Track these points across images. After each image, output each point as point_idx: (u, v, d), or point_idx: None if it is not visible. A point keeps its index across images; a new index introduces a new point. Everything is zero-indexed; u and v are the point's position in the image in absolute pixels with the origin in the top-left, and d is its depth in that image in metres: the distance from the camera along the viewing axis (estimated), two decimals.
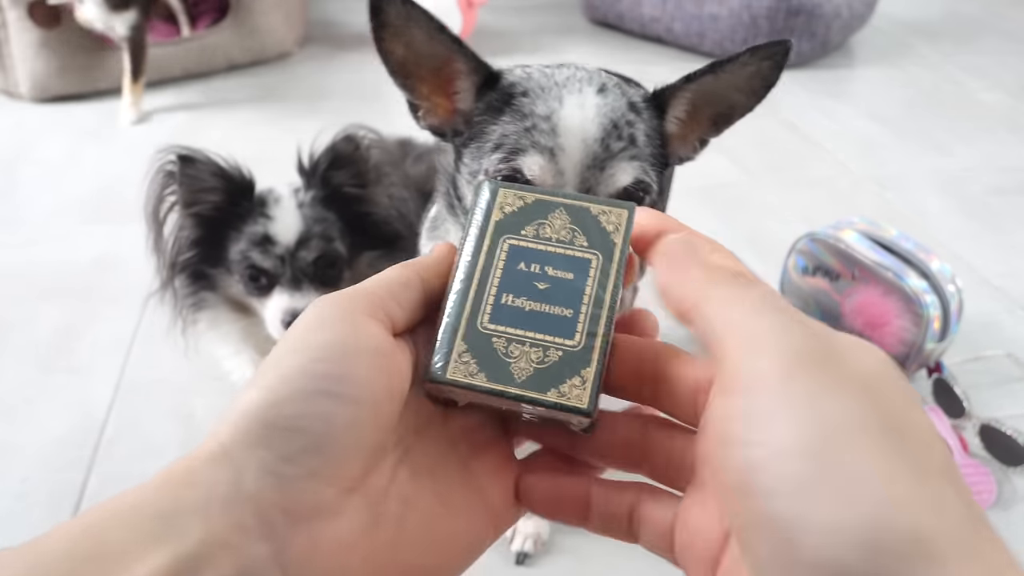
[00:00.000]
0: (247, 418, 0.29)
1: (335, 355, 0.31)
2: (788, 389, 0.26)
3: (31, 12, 2.12)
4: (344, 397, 0.30)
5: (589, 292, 0.34)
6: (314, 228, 0.98)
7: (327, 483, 0.30)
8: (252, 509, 0.28)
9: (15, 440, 1.16)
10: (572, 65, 0.68)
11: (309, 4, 2.91)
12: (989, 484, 1.11)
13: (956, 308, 1.24)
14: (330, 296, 0.33)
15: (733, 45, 2.66)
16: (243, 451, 0.29)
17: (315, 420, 0.29)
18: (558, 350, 0.33)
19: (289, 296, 0.97)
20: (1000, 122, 2.37)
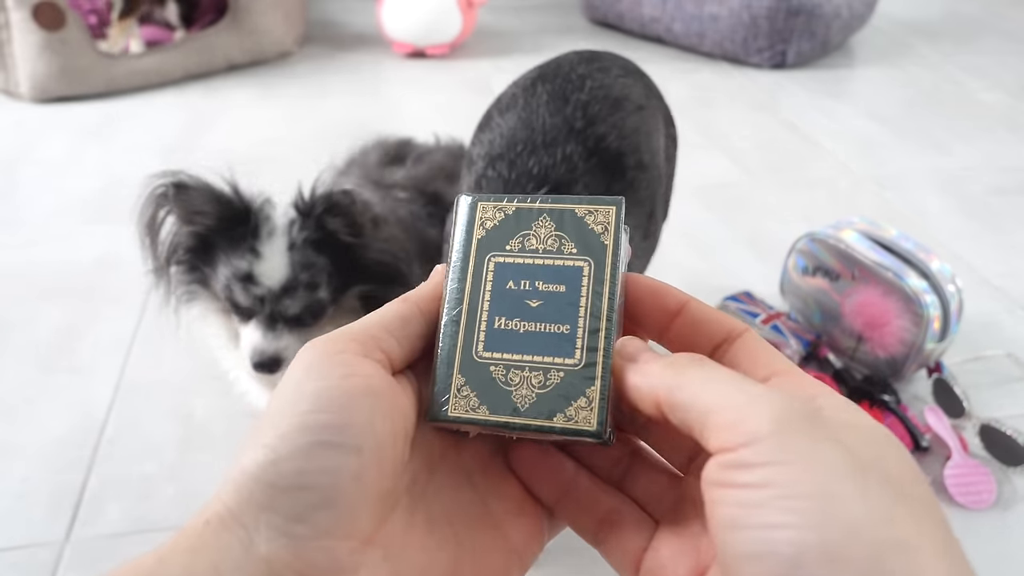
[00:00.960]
0: (250, 480, 0.28)
1: (331, 404, 0.29)
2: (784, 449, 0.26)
3: (36, 13, 2.12)
4: (346, 447, 0.29)
5: (584, 304, 0.32)
6: (301, 276, 0.93)
7: (340, 539, 0.28)
8: (266, 572, 0.27)
9: (15, 440, 1.17)
10: None
11: (309, 4, 2.91)
12: (989, 484, 1.11)
13: (956, 308, 1.24)
14: (319, 340, 0.32)
15: (733, 45, 2.66)
16: (251, 514, 0.28)
17: (319, 475, 0.28)
18: (559, 371, 0.31)
19: (262, 335, 0.94)
20: (1000, 122, 2.37)
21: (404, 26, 2.63)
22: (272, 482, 0.28)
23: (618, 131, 0.80)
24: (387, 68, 2.64)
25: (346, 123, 1.05)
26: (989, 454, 1.16)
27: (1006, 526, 1.07)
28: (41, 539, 1.02)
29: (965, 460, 1.13)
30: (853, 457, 0.25)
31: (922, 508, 0.25)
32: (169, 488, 1.10)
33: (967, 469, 1.12)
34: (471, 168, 0.88)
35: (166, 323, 1.05)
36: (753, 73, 2.65)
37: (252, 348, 0.94)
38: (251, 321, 0.95)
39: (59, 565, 0.99)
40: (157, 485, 1.10)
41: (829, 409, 0.28)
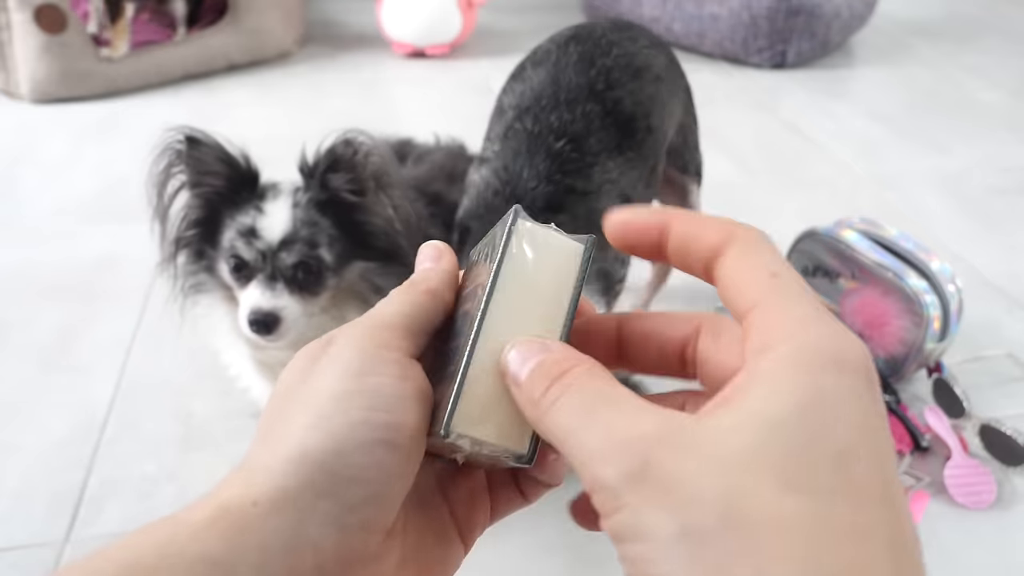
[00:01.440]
0: (312, 466, 0.29)
1: (391, 404, 0.31)
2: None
3: (37, 16, 2.12)
4: (399, 447, 0.30)
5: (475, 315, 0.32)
6: (301, 231, 0.95)
7: (376, 531, 0.30)
8: (311, 559, 0.28)
9: (15, 440, 1.17)
10: None
11: (309, 4, 2.91)
12: (989, 484, 1.11)
13: (956, 308, 1.24)
14: (372, 328, 0.33)
15: (733, 45, 2.66)
16: (309, 499, 0.29)
17: (375, 471, 0.30)
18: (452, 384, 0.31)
19: (260, 293, 0.94)
20: (1000, 122, 2.37)
21: (404, 26, 2.63)
22: (336, 471, 0.29)
23: (634, 97, 0.90)
24: (387, 68, 2.64)
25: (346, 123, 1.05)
26: (989, 454, 1.16)
27: (1006, 526, 1.07)
28: (41, 539, 1.02)
29: (965, 460, 1.13)
30: (682, 525, 0.23)
31: None
32: (169, 488, 1.10)
33: (967, 469, 1.12)
34: (501, 117, 0.94)
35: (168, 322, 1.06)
36: (753, 73, 2.65)
37: (250, 306, 0.93)
38: (251, 283, 0.96)
39: (59, 565, 0.99)
40: (157, 485, 1.10)
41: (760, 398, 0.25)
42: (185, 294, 1.03)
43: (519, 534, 1.04)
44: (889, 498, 0.24)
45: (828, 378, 0.25)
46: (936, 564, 1.02)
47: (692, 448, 0.24)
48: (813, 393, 0.24)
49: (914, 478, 1.13)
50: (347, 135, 0.97)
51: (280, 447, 0.30)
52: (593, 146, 0.86)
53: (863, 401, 0.25)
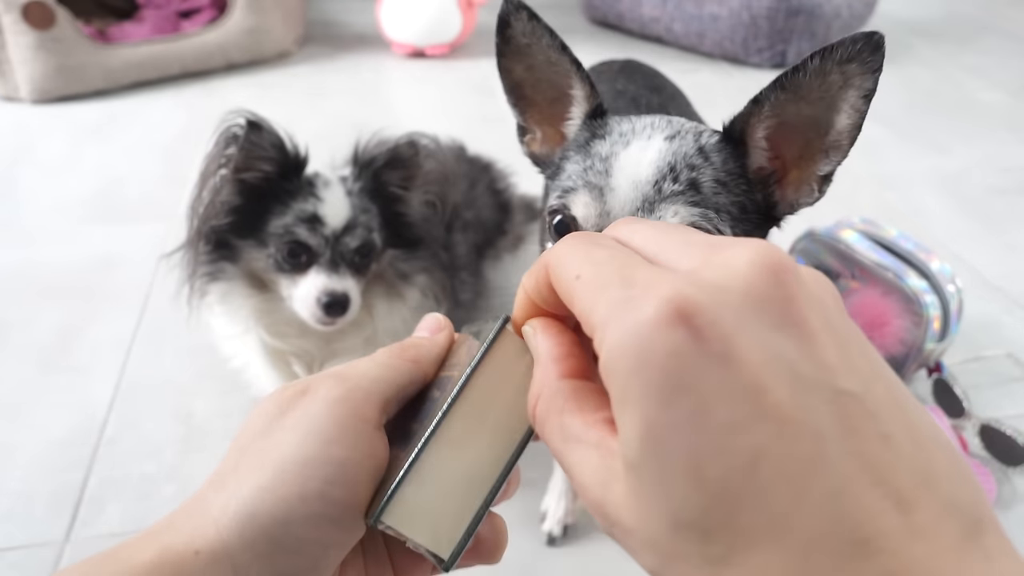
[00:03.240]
0: (256, 529, 0.30)
1: (350, 479, 0.31)
2: None
3: (25, 13, 2.12)
4: (345, 524, 0.32)
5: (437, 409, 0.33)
6: (360, 217, 1.01)
7: None
8: None
9: (15, 440, 1.16)
10: (671, 119, 0.64)
11: (309, 4, 2.91)
12: (989, 484, 1.11)
13: (956, 308, 1.24)
14: (353, 396, 0.33)
15: (733, 45, 2.66)
16: (247, 560, 0.30)
17: (315, 545, 0.31)
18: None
19: (327, 276, 0.99)
20: (1000, 122, 2.37)
21: (404, 26, 2.63)
22: (278, 540, 0.30)
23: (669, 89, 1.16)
24: (387, 68, 2.64)
25: (346, 123, 1.06)
26: (989, 454, 1.16)
27: (1006, 526, 1.06)
28: (41, 539, 1.02)
29: None
30: None
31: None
32: (169, 488, 1.10)
33: None
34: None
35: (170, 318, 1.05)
36: (753, 73, 2.65)
37: (320, 289, 0.98)
38: (311, 268, 1.00)
39: (59, 565, 0.99)
40: (157, 485, 1.10)
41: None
42: (197, 283, 1.04)
43: (521, 535, 1.05)
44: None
45: (639, 392, 0.23)
46: None
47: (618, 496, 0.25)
48: (644, 427, 0.23)
49: None
50: (412, 136, 1.03)
51: (232, 502, 0.31)
52: (653, 104, 1.12)
53: (687, 375, 0.23)
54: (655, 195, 0.57)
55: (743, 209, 0.59)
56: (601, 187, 0.59)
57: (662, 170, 0.58)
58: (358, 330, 1.07)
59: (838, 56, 0.51)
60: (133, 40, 2.38)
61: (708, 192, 0.58)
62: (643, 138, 0.60)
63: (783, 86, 0.55)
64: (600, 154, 0.61)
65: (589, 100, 0.65)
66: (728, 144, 0.60)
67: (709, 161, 0.59)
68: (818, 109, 0.56)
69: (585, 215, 0.59)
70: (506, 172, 1.55)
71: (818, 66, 0.53)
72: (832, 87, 0.53)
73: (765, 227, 0.63)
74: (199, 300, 1.04)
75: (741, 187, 0.59)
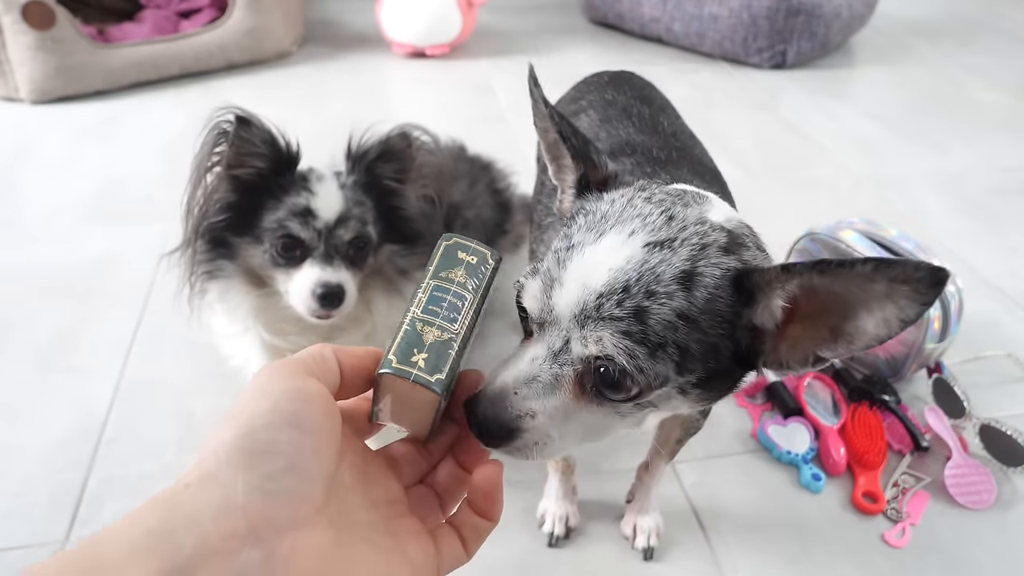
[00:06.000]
0: (228, 448, 0.35)
1: (294, 398, 0.38)
2: None
3: (25, 13, 2.12)
4: (306, 429, 0.37)
5: (464, 313, 0.48)
6: (353, 210, 1.01)
7: (302, 500, 0.36)
8: (243, 519, 0.33)
9: (15, 440, 1.16)
10: (678, 214, 0.55)
11: (309, 4, 2.91)
12: (989, 484, 1.11)
13: (956, 308, 1.24)
14: (278, 362, 0.41)
15: (733, 45, 2.66)
16: (229, 473, 0.34)
17: (287, 446, 0.36)
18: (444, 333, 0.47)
19: (321, 269, 0.99)
20: (1000, 122, 2.37)
21: (404, 26, 2.63)
22: (249, 448, 0.35)
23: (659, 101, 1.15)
24: (387, 68, 2.64)
25: (346, 123, 1.06)
26: (989, 454, 1.16)
27: (1006, 526, 1.07)
28: (41, 539, 1.02)
29: (965, 460, 1.13)
30: None
31: None
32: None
33: (967, 469, 1.12)
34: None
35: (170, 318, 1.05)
36: (753, 73, 2.65)
37: (314, 282, 0.98)
38: (306, 262, 1.00)
39: None
40: (157, 485, 1.09)
41: None
42: (196, 282, 1.04)
43: (521, 535, 1.05)
44: None
45: None
46: (936, 564, 1.02)
47: None
48: None
49: (914, 478, 1.13)
50: (404, 128, 1.03)
51: (207, 445, 0.36)
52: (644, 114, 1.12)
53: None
54: (592, 311, 0.52)
55: (712, 350, 0.52)
56: (553, 280, 0.54)
57: (613, 286, 0.51)
58: (357, 326, 1.07)
59: (893, 274, 0.47)
60: (133, 40, 2.38)
61: (656, 326, 0.51)
62: (622, 234, 0.54)
63: (823, 271, 0.49)
64: (570, 239, 0.56)
65: (575, 170, 0.62)
66: (733, 287, 0.52)
67: (689, 292, 0.51)
68: (852, 298, 0.50)
69: (532, 307, 0.56)
70: (506, 172, 1.55)
71: (869, 273, 0.47)
72: (875, 293, 0.48)
73: (738, 372, 0.56)
74: (199, 299, 1.04)
75: (720, 330, 0.52)
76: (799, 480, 1.13)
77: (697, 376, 0.53)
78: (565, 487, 1.05)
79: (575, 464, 1.05)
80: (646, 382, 0.51)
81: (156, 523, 0.32)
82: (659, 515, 1.05)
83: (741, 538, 1.05)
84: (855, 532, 1.06)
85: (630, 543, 1.03)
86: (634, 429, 0.59)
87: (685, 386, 0.53)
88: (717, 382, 0.55)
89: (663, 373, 0.52)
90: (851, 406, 1.22)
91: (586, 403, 0.54)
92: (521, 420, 0.53)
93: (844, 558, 1.03)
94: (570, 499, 1.05)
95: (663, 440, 0.96)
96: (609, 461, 1.16)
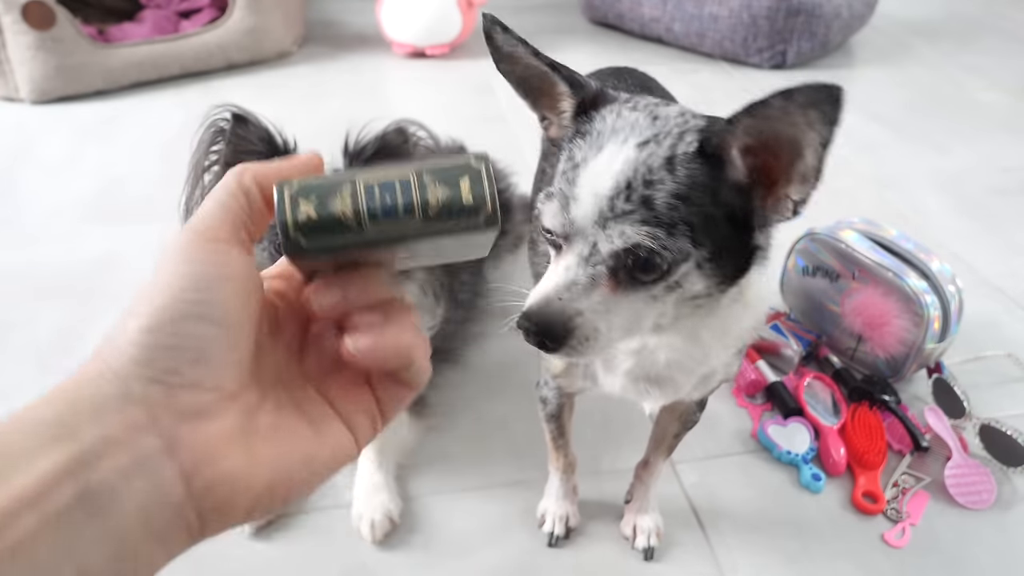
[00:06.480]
0: (129, 343, 0.34)
1: (201, 285, 0.35)
2: None
3: (25, 13, 2.12)
4: (212, 319, 0.35)
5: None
6: None
7: (206, 391, 0.35)
8: (142, 409, 0.33)
9: None
10: (661, 114, 0.63)
11: (309, 4, 2.91)
12: (989, 484, 1.11)
13: (956, 308, 1.24)
14: (193, 224, 0.37)
15: (733, 45, 2.66)
16: (128, 368, 0.34)
17: (190, 339, 0.34)
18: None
19: None
20: (1000, 122, 2.37)
21: (404, 26, 2.63)
22: (150, 343, 0.34)
23: (660, 92, 1.16)
24: (387, 68, 2.64)
25: (346, 123, 1.06)
26: (989, 454, 1.16)
27: (1006, 526, 1.07)
28: None
29: (965, 460, 1.13)
30: None
31: None
32: None
33: (967, 469, 1.12)
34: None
35: None
36: (753, 73, 2.65)
37: None
38: None
39: None
40: None
41: None
42: None
43: (521, 535, 1.05)
44: None
45: None
46: (936, 564, 1.02)
47: None
48: None
49: (914, 478, 1.13)
50: (400, 123, 1.03)
51: (112, 336, 0.35)
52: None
53: None
54: (608, 212, 0.59)
55: (710, 220, 0.60)
56: (568, 197, 0.62)
57: (619, 185, 0.59)
58: None
59: (800, 100, 0.54)
60: (133, 40, 2.38)
61: (662, 208, 0.59)
62: (617, 142, 0.62)
63: (752, 114, 0.57)
64: (575, 158, 0.63)
65: (573, 96, 0.68)
66: (702, 156, 0.60)
67: (674, 174, 0.59)
68: (791, 136, 0.57)
69: (553, 224, 0.63)
70: (506, 172, 1.55)
71: (782, 104, 0.55)
72: (798, 124, 0.56)
73: (742, 235, 0.63)
74: None
75: (708, 199, 0.60)
76: (799, 480, 1.13)
77: (709, 250, 0.60)
78: (566, 486, 1.05)
79: (576, 463, 1.05)
80: (672, 257, 0.59)
81: (59, 414, 0.33)
82: (659, 515, 1.05)
83: (741, 538, 1.05)
84: (855, 532, 1.06)
85: (630, 543, 1.03)
86: (663, 322, 0.65)
87: (701, 261, 0.61)
88: (727, 256, 0.63)
89: (683, 248, 0.59)
90: (851, 406, 1.22)
91: (622, 293, 0.61)
92: (571, 320, 0.60)
93: (844, 558, 1.03)
94: (571, 499, 1.06)
95: (661, 436, 0.99)
96: (609, 460, 1.16)
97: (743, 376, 1.28)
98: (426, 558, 1.01)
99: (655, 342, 0.73)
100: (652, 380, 0.78)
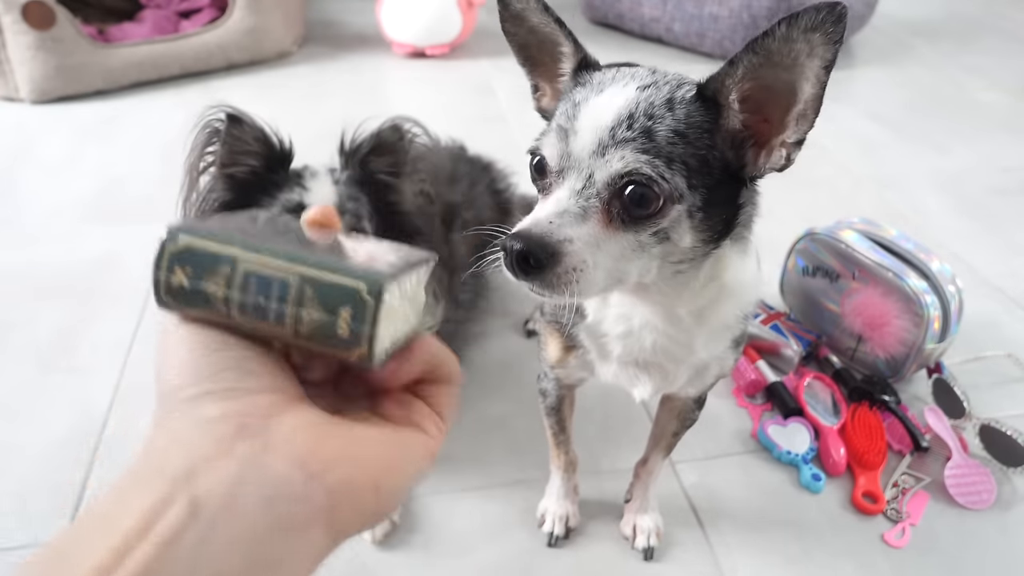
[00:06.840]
0: (178, 388, 0.36)
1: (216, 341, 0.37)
2: None
3: (25, 13, 2.12)
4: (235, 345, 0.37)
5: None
6: (347, 205, 1.01)
7: (273, 392, 0.36)
8: (223, 424, 0.34)
9: (15, 440, 1.16)
10: (660, 71, 0.68)
11: (309, 4, 2.91)
12: (989, 484, 1.11)
13: (956, 308, 1.24)
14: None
15: (733, 45, 2.66)
16: (189, 399, 0.35)
17: (229, 360, 0.36)
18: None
19: None
20: (1000, 122, 2.37)
21: (404, 26, 2.63)
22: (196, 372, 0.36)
23: None
24: (387, 68, 2.64)
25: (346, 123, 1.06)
26: (989, 454, 1.16)
27: (1006, 526, 1.07)
28: (41, 539, 1.02)
29: (965, 460, 1.13)
30: None
31: None
32: None
33: (967, 469, 1.12)
34: None
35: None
36: None
37: None
38: None
39: None
40: None
41: None
42: None
43: (521, 535, 1.05)
44: None
45: None
46: (936, 564, 1.02)
47: None
48: None
49: (914, 478, 1.13)
50: (395, 120, 1.02)
51: (162, 408, 0.37)
52: None
53: None
54: (609, 140, 0.60)
55: (704, 163, 0.62)
56: (567, 130, 0.63)
57: (620, 117, 0.61)
58: None
59: (803, 24, 0.55)
60: (133, 40, 2.38)
61: (662, 141, 0.60)
62: (618, 86, 0.64)
63: (754, 50, 0.58)
64: (575, 100, 0.65)
65: (575, 55, 0.70)
66: (700, 100, 0.63)
67: (673, 112, 0.61)
68: (791, 75, 0.58)
69: (551, 155, 0.64)
70: (506, 172, 1.55)
71: (785, 32, 0.56)
72: (799, 55, 0.57)
73: (730, 185, 0.65)
74: None
75: (705, 141, 0.62)
76: (799, 480, 1.13)
77: (701, 197, 0.61)
78: (567, 486, 1.05)
79: (577, 461, 1.05)
80: (668, 191, 0.60)
81: (139, 468, 0.35)
82: (659, 515, 1.05)
83: (741, 538, 1.05)
84: (855, 532, 1.06)
85: (630, 543, 1.03)
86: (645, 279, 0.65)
87: (692, 209, 0.62)
88: (716, 211, 0.64)
89: (679, 186, 0.60)
90: (851, 406, 1.22)
91: (614, 231, 0.61)
92: (560, 244, 0.59)
93: (844, 558, 1.03)
94: (571, 499, 1.06)
95: (660, 434, 1.00)
96: (609, 460, 1.16)
97: (743, 376, 1.28)
98: (426, 558, 1.01)
99: (639, 321, 0.74)
100: (641, 366, 0.79)
